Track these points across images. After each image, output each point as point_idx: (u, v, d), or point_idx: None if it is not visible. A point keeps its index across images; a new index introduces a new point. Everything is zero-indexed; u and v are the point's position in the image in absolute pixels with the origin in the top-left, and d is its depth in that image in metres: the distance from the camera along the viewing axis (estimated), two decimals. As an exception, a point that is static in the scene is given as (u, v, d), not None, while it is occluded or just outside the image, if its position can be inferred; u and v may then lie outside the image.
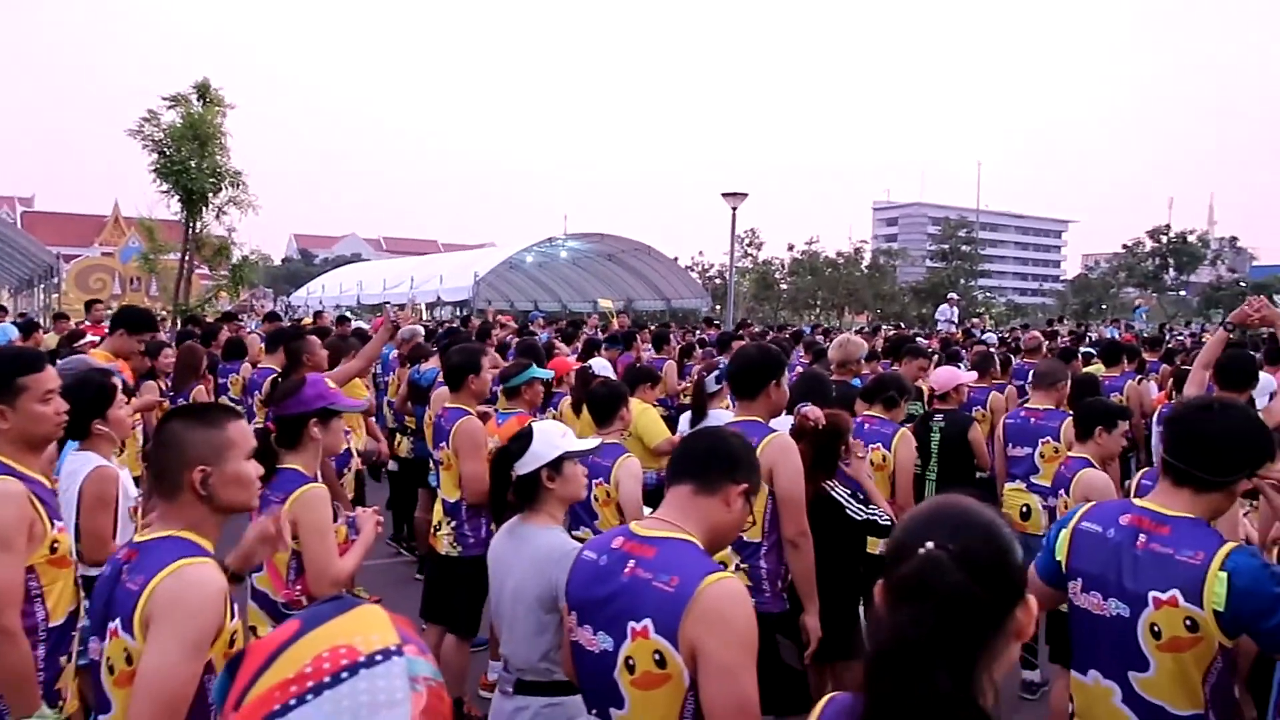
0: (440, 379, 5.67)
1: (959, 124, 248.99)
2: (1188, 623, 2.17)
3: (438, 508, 4.73)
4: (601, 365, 6.67)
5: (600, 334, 15.38)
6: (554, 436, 2.86)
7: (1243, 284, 49.91)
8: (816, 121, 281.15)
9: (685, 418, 5.59)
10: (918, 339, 14.69)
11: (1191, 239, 49.24)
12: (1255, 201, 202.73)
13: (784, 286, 49.72)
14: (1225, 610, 2.13)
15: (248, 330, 13.37)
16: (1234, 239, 53.69)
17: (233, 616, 2.10)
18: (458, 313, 32.12)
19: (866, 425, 4.84)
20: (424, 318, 31.38)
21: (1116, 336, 19.35)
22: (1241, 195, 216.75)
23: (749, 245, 50.08)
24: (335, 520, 3.23)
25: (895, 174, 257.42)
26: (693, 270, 47.53)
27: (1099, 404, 4.62)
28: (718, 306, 35.01)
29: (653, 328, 16.34)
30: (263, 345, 8.24)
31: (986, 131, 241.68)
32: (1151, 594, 2.21)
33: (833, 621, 3.81)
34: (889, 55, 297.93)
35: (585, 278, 37.66)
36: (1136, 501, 2.41)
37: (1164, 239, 48.75)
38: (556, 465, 2.83)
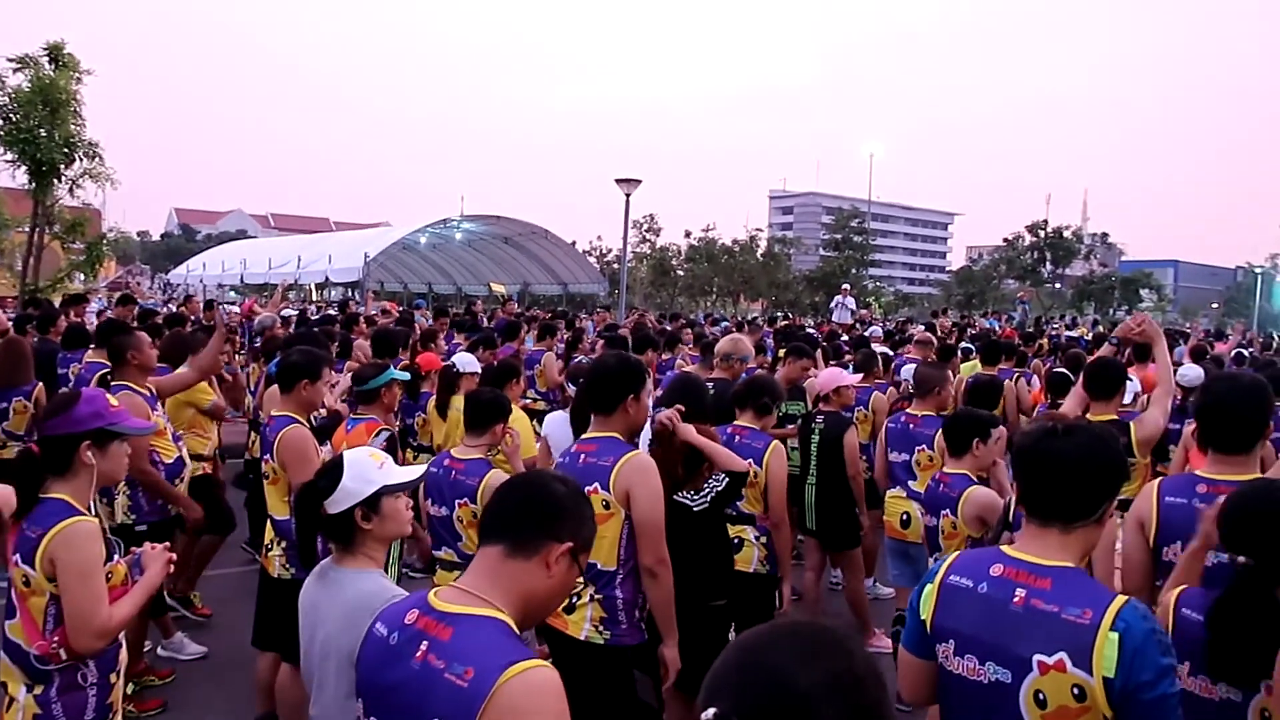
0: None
1: (853, 115, 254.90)
2: (1075, 690, 1.90)
3: (268, 527, 4.28)
4: (466, 361, 6.23)
5: (486, 321, 14.91)
6: (368, 469, 2.47)
7: (1113, 278, 52.58)
8: (715, 108, 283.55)
9: (552, 419, 5.26)
10: (807, 329, 14.77)
11: (1067, 234, 51.59)
12: (1125, 199, 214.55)
13: (681, 273, 49.83)
14: (1115, 676, 1.86)
15: (98, 314, 12.39)
16: (1105, 235, 56.43)
17: None
18: (348, 294, 31.01)
19: (737, 438, 4.51)
20: (311, 299, 30.26)
21: (997, 328, 19.94)
22: (1113, 193, 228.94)
23: (647, 231, 50.03)
24: (110, 558, 2.73)
25: (792, 163, 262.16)
26: (591, 255, 47.21)
27: (970, 415, 4.42)
28: (615, 291, 34.79)
29: (544, 316, 15.95)
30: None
31: (879, 124, 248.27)
32: (1036, 658, 1.93)
33: (702, 649, 3.57)
34: (786, 44, 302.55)
35: (481, 260, 36.92)
36: (1006, 550, 2.13)
37: (1042, 234, 50.94)
38: (373, 503, 2.46)
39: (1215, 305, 65.92)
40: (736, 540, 4.46)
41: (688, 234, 49.99)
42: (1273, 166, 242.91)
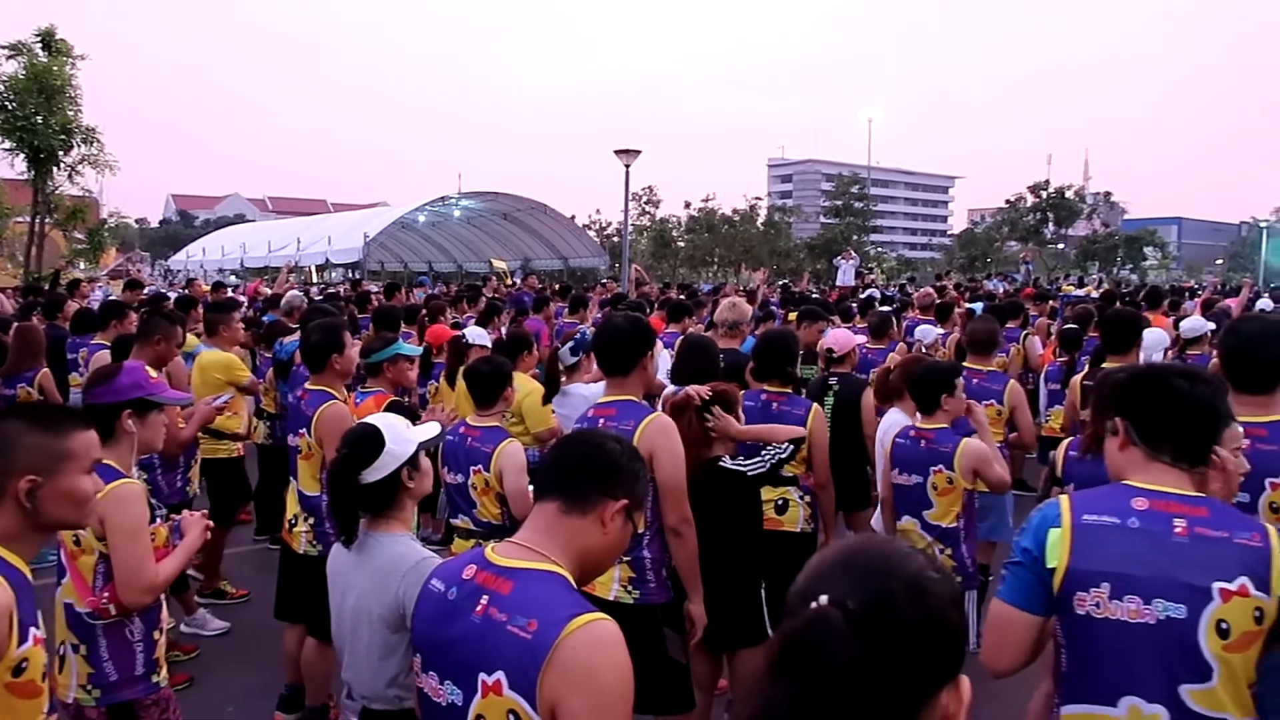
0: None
1: (850, 82, 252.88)
2: (1256, 614, 1.89)
3: (292, 501, 4.29)
4: (477, 334, 6.20)
5: (495, 296, 14.85)
6: (403, 430, 2.50)
7: (1116, 237, 52.35)
8: (712, 78, 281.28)
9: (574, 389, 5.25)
10: (813, 295, 14.74)
11: (1069, 194, 51.23)
12: (1127, 158, 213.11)
13: (681, 244, 49.71)
14: None
15: (100, 298, 12.38)
16: (1108, 194, 56.00)
17: (23, 640, 1.85)
18: (348, 275, 30.97)
19: (774, 404, 4.48)
20: (312, 280, 30.26)
21: (1002, 290, 19.90)
22: (1114, 152, 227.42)
23: (646, 203, 49.89)
24: (153, 520, 2.91)
25: (790, 131, 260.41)
26: (590, 229, 47.12)
27: (930, 370, 4.36)
28: (616, 264, 34.73)
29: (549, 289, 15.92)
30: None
31: (877, 89, 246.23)
32: (1217, 585, 1.91)
33: (733, 606, 3.60)
34: (782, 12, 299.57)
35: (480, 237, 36.87)
36: (1139, 484, 2.08)
37: (1044, 194, 50.60)
38: (415, 461, 2.49)
39: (1220, 261, 65.69)
40: (781, 501, 4.47)
41: (687, 205, 49.86)
42: (1276, 120, 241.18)
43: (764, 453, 3.65)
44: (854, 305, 11.17)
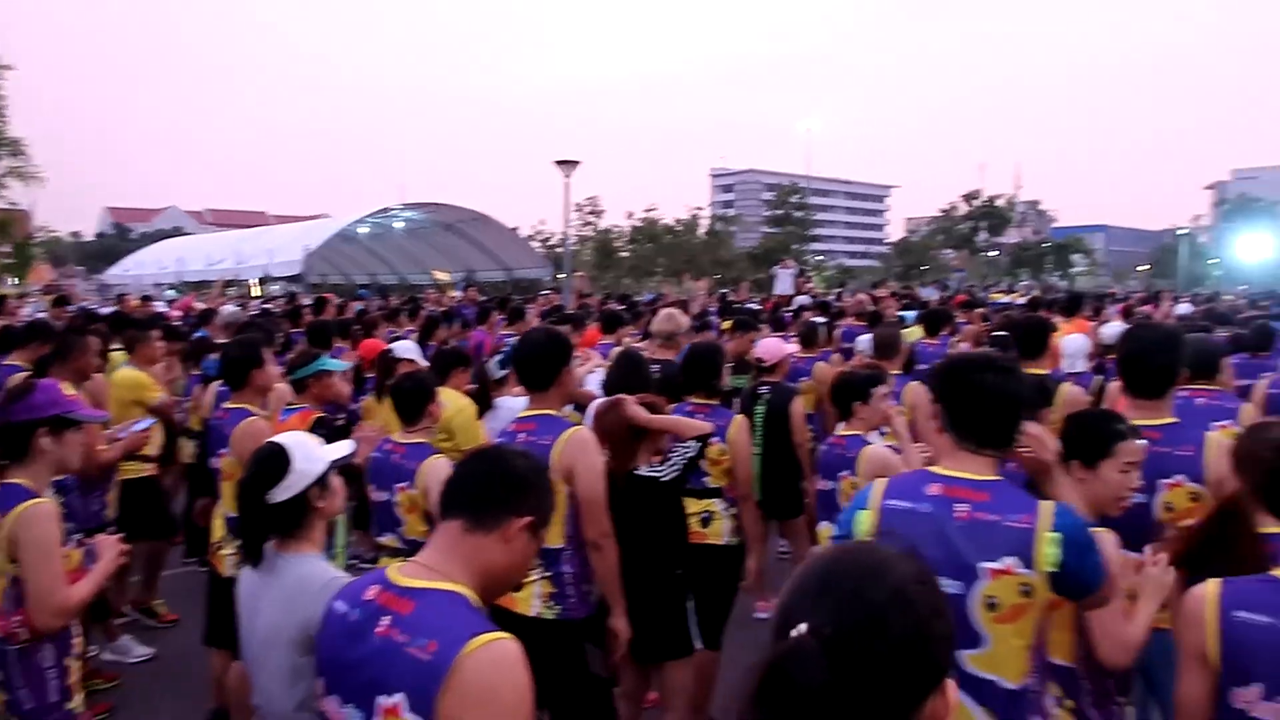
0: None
1: (790, 93, 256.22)
2: (1023, 589, 2.09)
3: (219, 523, 4.23)
4: (405, 349, 6.15)
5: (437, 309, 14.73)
6: (313, 447, 2.48)
7: (1045, 244, 53.83)
8: (653, 88, 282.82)
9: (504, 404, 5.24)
10: (749, 304, 14.88)
11: (1000, 203, 52.62)
12: (1055, 168, 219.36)
13: (625, 254, 49.83)
14: (1060, 569, 2.06)
15: (30, 314, 12.01)
16: (1037, 203, 57.64)
17: None
18: (287, 289, 30.47)
19: (697, 415, 4.48)
20: (252, 294, 29.67)
21: (936, 297, 20.30)
22: (1044, 162, 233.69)
23: (589, 213, 49.98)
24: (66, 543, 2.85)
25: (731, 141, 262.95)
26: (534, 239, 47.03)
27: (845, 378, 4.50)
28: (561, 275, 34.71)
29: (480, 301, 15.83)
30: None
31: (815, 99, 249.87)
32: (985, 565, 2.09)
33: (659, 619, 3.63)
34: (722, 22, 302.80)
35: (422, 249, 36.55)
36: (937, 470, 2.26)
37: (976, 203, 51.89)
38: (323, 480, 2.47)
39: (1144, 267, 67.83)
40: (706, 514, 4.50)
41: (630, 215, 50.03)
42: (1194, 130, 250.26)
43: (672, 455, 3.69)
44: (788, 314, 11.31)
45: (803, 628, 1.04)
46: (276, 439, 2.50)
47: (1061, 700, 2.44)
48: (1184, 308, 14.25)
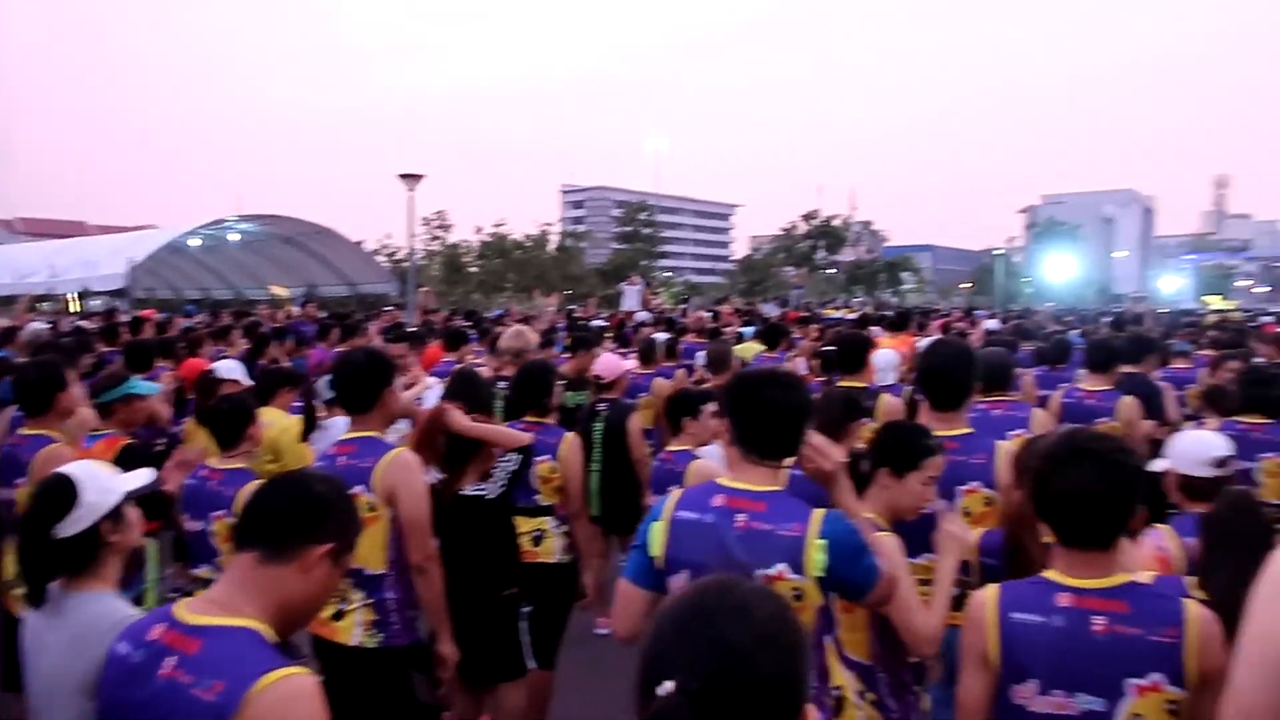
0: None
1: (639, 110, 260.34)
2: (794, 594, 2.19)
3: (10, 560, 3.89)
4: (228, 368, 5.86)
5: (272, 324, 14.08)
6: (105, 478, 2.33)
7: (878, 262, 56.88)
8: (504, 103, 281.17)
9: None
10: (593, 322, 14.99)
11: (837, 223, 55.30)
12: (888, 190, 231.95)
13: (474, 270, 49.32)
14: (827, 575, 2.18)
15: None
16: (870, 223, 60.83)
17: None
18: (112, 304, 28.49)
19: (531, 433, 4.52)
20: (69, 309, 27.53)
21: (776, 313, 21.04)
22: (877, 184, 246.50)
23: (437, 227, 49.25)
24: None
25: (582, 157, 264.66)
26: (380, 254, 45.85)
27: (683, 394, 4.64)
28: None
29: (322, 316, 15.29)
30: None
31: (663, 118, 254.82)
32: (760, 572, 2.20)
33: (491, 641, 3.59)
34: (571, 40, 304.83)
35: (260, 263, 34.91)
36: (723, 481, 2.36)
37: (814, 223, 54.35)
38: (117, 513, 2.32)
39: (966, 285, 72.54)
40: (538, 532, 4.47)
41: (479, 230, 49.55)
42: (1011, 157, 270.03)
43: (494, 472, 3.68)
44: (631, 330, 11.47)
45: (669, 686, 1.05)
46: (64, 469, 2.34)
47: (863, 694, 2.58)
48: (992, 323, 15.30)
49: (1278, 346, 7.84)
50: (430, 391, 5.85)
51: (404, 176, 19.82)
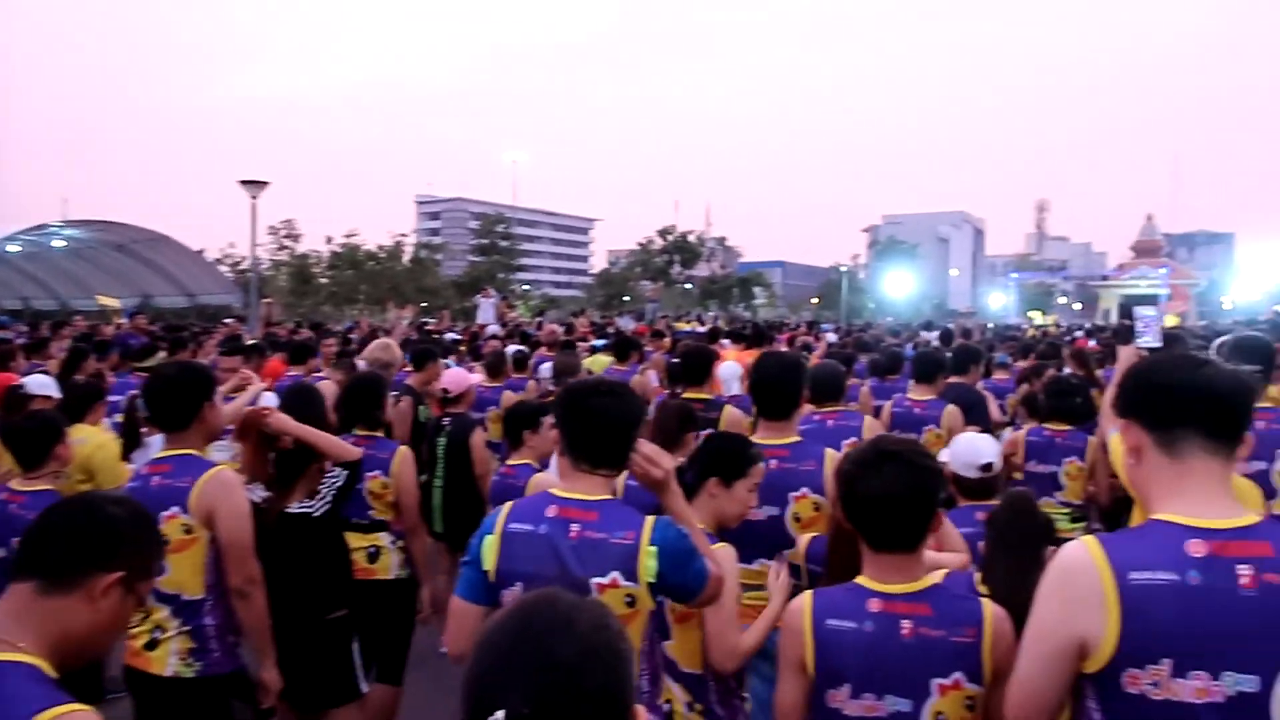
0: None
1: (497, 123, 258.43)
2: (627, 600, 2.23)
3: None
4: (40, 383, 5.43)
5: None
6: None
7: (731, 277, 58.48)
8: (356, 112, 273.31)
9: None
10: (447, 335, 14.75)
11: (692, 239, 56.55)
12: (741, 207, 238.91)
13: (324, 280, 47.70)
14: (658, 580, 2.22)
15: None
16: (724, 239, 62.46)
17: None
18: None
19: (360, 448, 4.40)
20: None
21: (632, 326, 21.27)
22: (731, 201, 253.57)
23: (285, 237, 47.41)
24: None
25: (438, 168, 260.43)
26: (223, 263, 43.74)
27: (521, 408, 4.68)
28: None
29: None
30: None
31: (522, 131, 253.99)
32: (593, 580, 2.22)
33: (321, 665, 3.46)
34: (425, 49, 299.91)
35: (89, 271, 32.60)
36: (556, 491, 2.38)
37: (670, 238, 55.40)
38: None
39: (814, 300, 75.37)
40: (373, 549, 4.35)
41: (329, 240, 47.98)
42: (857, 179, 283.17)
43: (321, 488, 3.57)
44: (481, 343, 11.36)
45: (499, 716, 1.05)
46: None
47: (692, 705, 2.64)
48: (832, 336, 16.00)
49: (1078, 360, 8.51)
50: (267, 399, 5.63)
51: (246, 183, 18.94)
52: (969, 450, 3.41)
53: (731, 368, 6.39)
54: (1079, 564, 1.71)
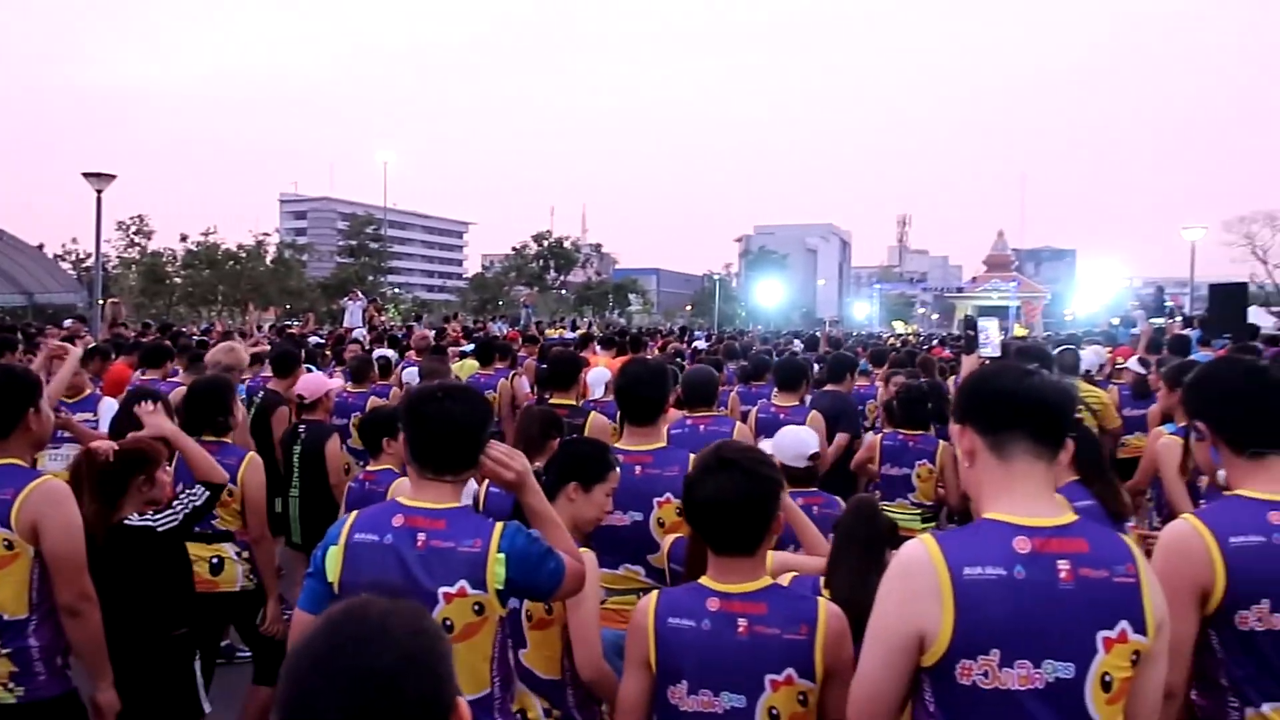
0: None
1: (367, 121, 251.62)
2: (476, 608, 2.20)
3: None
4: None
5: None
6: None
7: (607, 284, 58.79)
8: (217, 104, 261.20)
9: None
10: (311, 339, 14.26)
11: (568, 244, 56.61)
12: (618, 214, 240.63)
13: (178, 280, 45.39)
14: (506, 587, 2.20)
15: None
16: (600, 246, 62.75)
17: None
18: None
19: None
20: None
21: (505, 331, 21.09)
22: (607, 208, 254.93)
23: (135, 234, 44.93)
24: None
25: (304, 166, 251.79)
26: (65, 260, 41.02)
27: (378, 414, 4.60)
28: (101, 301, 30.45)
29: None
30: None
31: (392, 131, 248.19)
32: (441, 590, 2.18)
33: (160, 685, 3.25)
34: (288, 43, 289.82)
35: (-91, 268, 29.95)
36: (403, 501, 2.32)
37: (546, 243, 55.29)
38: None
39: (688, 307, 76.60)
40: (216, 560, 4.15)
41: (184, 238, 45.69)
42: (729, 186, 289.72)
43: (175, 503, 3.39)
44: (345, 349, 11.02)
45: None
46: None
47: (550, 711, 2.61)
48: (701, 343, 16.32)
49: (924, 368, 8.97)
50: (106, 410, 5.30)
51: (90, 176, 17.82)
52: (796, 442, 3.58)
53: (600, 373, 6.41)
54: (917, 561, 1.78)
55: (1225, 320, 15.32)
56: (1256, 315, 17.67)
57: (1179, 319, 16.67)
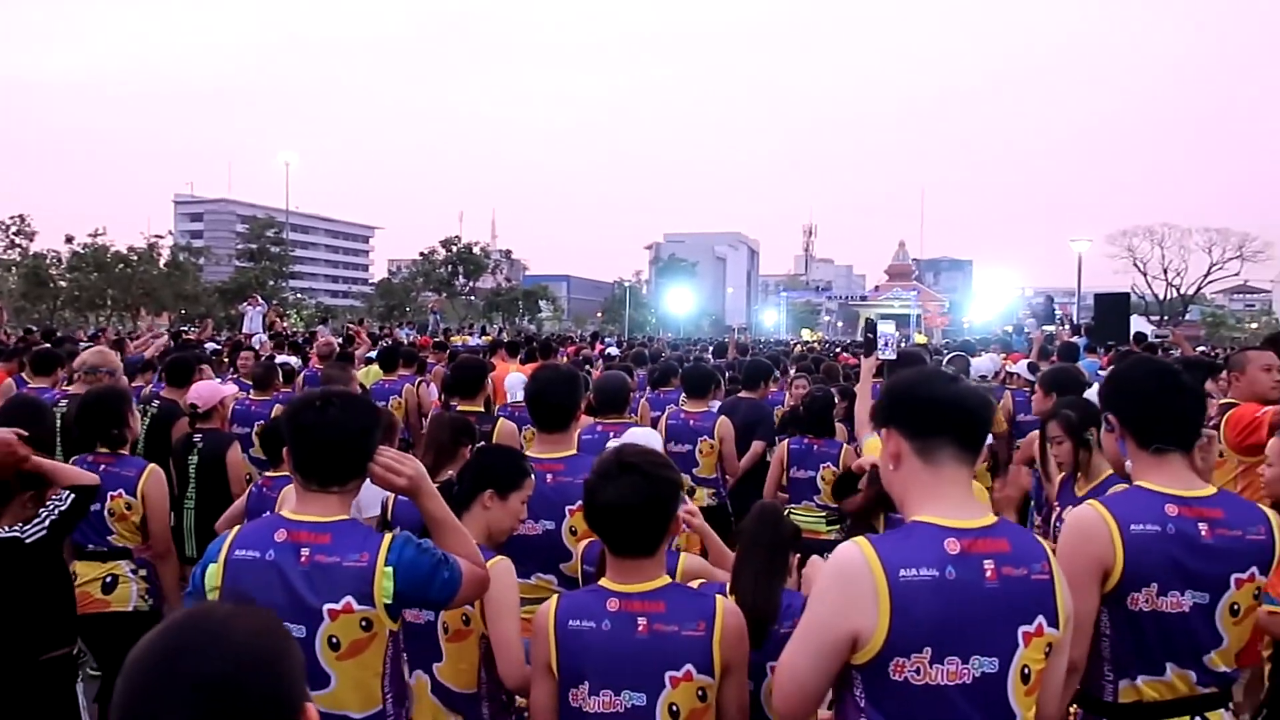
0: None
1: (264, 122, 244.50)
2: (363, 624, 2.13)
3: None
4: None
5: None
6: None
7: (517, 290, 58.40)
8: (102, 95, 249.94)
9: None
10: (208, 345, 13.73)
11: (477, 250, 56.02)
12: (528, 220, 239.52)
13: (63, 283, 43.22)
14: (395, 601, 2.14)
15: None
16: (509, 252, 62.33)
17: None
18: None
19: (102, 466, 3.92)
20: None
21: (413, 338, 20.71)
22: (517, 214, 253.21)
23: (16, 234, 42.75)
24: None
25: (201, 166, 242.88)
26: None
27: (277, 424, 4.48)
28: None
29: None
30: None
31: (293, 133, 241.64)
32: (326, 607, 2.11)
33: (36, 709, 3.06)
34: (182, 39, 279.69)
35: None
36: (286, 514, 2.24)
37: (455, 249, 54.59)
38: None
39: (599, 314, 76.69)
40: (109, 578, 3.94)
41: (69, 239, 43.50)
42: (640, 194, 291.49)
43: (42, 511, 3.20)
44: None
45: None
46: None
47: None
48: (612, 350, 16.35)
49: (828, 375, 9.20)
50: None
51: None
52: (644, 441, 3.60)
53: (517, 378, 6.35)
54: (854, 564, 1.81)
55: (1109, 328, 16.14)
56: (1138, 323, 18.68)
57: (1067, 327, 17.44)
